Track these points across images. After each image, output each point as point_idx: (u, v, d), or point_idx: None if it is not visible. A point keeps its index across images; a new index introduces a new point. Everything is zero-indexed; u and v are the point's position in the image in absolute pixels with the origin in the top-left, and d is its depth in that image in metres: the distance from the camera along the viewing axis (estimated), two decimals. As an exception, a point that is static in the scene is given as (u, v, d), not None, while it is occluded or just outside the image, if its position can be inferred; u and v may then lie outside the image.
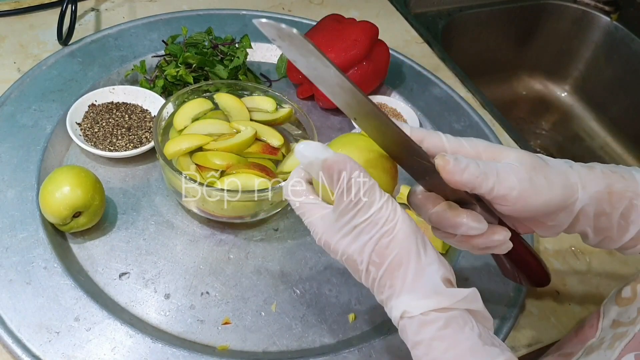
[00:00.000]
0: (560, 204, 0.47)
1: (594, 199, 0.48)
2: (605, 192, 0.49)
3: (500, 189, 0.45)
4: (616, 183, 0.49)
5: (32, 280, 0.59)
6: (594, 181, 0.49)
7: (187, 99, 0.71)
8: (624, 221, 0.50)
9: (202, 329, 0.60)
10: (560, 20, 1.25)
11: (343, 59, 0.79)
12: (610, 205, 0.49)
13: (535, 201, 0.46)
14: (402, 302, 0.42)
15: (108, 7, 0.94)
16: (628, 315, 0.51)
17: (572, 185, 0.48)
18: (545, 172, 0.47)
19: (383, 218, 0.43)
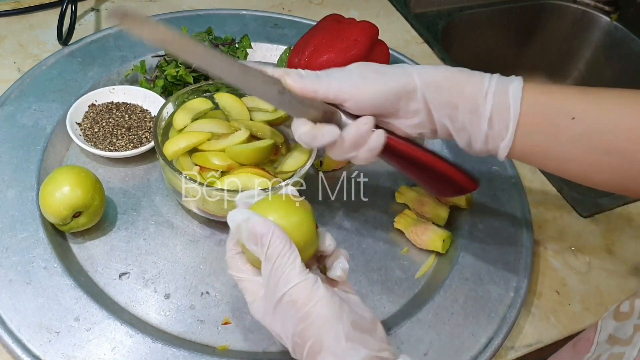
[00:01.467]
0: (397, 90, 0.52)
1: (434, 87, 0.52)
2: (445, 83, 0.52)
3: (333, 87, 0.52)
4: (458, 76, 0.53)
5: (32, 280, 0.59)
6: (433, 72, 0.53)
7: (187, 99, 0.71)
8: (474, 116, 0.52)
9: (202, 329, 0.60)
10: (560, 20, 1.25)
11: (343, 59, 0.78)
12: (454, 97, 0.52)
13: (367, 89, 0.52)
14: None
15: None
16: (624, 332, 0.50)
17: (408, 74, 0.53)
18: (378, 68, 0.53)
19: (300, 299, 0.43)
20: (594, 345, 0.53)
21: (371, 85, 0.52)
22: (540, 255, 0.72)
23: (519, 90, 0.52)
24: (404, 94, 0.52)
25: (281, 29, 0.95)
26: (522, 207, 0.75)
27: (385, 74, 0.53)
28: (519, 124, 0.52)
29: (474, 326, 0.63)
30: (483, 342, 0.62)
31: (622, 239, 0.76)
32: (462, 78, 0.53)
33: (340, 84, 0.52)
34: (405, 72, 0.53)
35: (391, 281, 0.68)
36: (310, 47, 0.79)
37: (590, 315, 0.68)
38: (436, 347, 0.60)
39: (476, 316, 0.64)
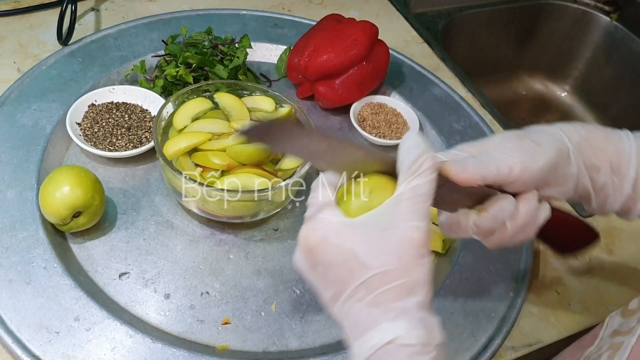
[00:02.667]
0: (557, 157, 0.49)
1: (579, 150, 0.50)
2: (587, 145, 0.50)
3: (503, 168, 0.47)
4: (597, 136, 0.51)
5: (32, 280, 0.59)
6: (574, 133, 0.51)
7: (187, 98, 0.71)
8: (616, 177, 0.51)
9: (202, 329, 0.60)
10: (560, 20, 1.25)
11: (343, 59, 0.78)
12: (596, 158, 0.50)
13: (536, 164, 0.48)
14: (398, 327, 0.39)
15: (108, 7, 0.94)
16: (628, 325, 0.51)
17: (560, 138, 0.50)
18: (530, 137, 0.49)
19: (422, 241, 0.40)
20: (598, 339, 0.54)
21: (538, 160, 0.48)
22: (540, 255, 0.72)
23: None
24: (561, 160, 0.49)
25: (281, 29, 0.95)
26: (522, 207, 0.75)
27: (542, 143, 0.49)
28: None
29: (474, 326, 0.63)
30: (483, 342, 0.62)
31: (622, 239, 0.76)
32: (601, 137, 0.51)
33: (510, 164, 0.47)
34: (555, 137, 0.50)
35: (391, 281, 0.67)
36: (310, 47, 0.79)
37: (590, 315, 0.67)
38: (436, 347, 0.60)
39: (476, 316, 0.64)
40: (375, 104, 0.85)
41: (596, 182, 0.51)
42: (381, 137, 0.81)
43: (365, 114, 0.83)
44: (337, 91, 0.81)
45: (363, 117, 0.83)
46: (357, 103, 0.83)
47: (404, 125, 0.84)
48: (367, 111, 0.84)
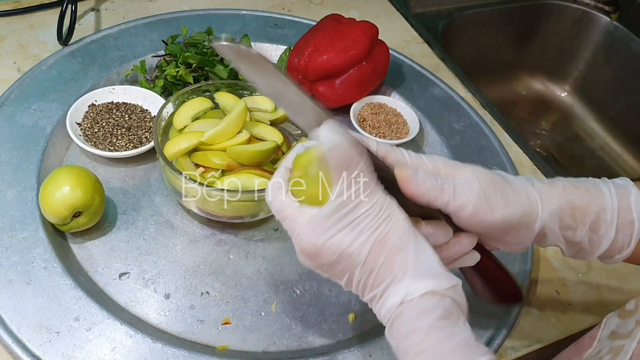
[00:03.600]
0: (518, 222, 0.48)
1: (556, 216, 0.49)
2: (567, 208, 0.49)
3: (456, 203, 0.46)
4: (579, 198, 0.49)
5: (32, 280, 0.59)
6: (554, 197, 0.49)
7: (187, 98, 0.71)
8: (594, 235, 0.50)
9: (202, 329, 0.60)
10: (560, 20, 1.25)
11: (343, 59, 0.79)
12: (574, 221, 0.49)
13: (491, 217, 0.47)
14: (403, 287, 0.43)
15: (108, 7, 0.94)
16: (626, 327, 0.51)
17: (532, 204, 0.48)
18: (503, 189, 0.48)
19: (383, 206, 0.43)
20: (596, 341, 0.53)
21: (495, 213, 0.47)
22: (540, 255, 0.72)
23: None
24: (522, 225, 0.48)
25: (281, 29, 0.95)
26: (522, 207, 0.75)
27: (510, 199, 0.48)
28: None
29: (474, 326, 0.62)
30: (483, 342, 0.61)
31: (622, 239, 0.76)
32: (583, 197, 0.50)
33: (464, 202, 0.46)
34: (529, 200, 0.48)
35: (391, 281, 0.67)
36: (310, 47, 0.79)
37: (590, 315, 0.68)
38: (436, 347, 0.60)
39: (476, 316, 0.63)
40: (375, 104, 0.85)
41: (570, 240, 0.50)
42: (381, 137, 0.81)
43: (365, 114, 0.83)
44: (337, 91, 0.81)
45: (363, 117, 0.83)
46: (357, 103, 0.83)
47: (404, 125, 0.84)
48: (367, 111, 0.84)
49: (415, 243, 0.43)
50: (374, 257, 0.43)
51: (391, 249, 0.43)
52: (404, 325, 0.42)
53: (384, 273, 0.43)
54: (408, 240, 0.43)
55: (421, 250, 0.44)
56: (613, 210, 0.49)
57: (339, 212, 0.43)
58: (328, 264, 0.44)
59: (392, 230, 0.43)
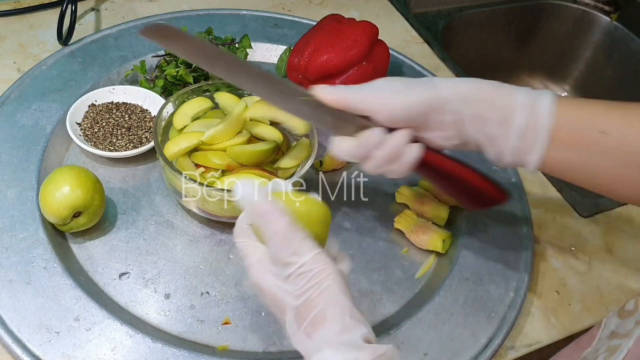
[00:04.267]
0: (427, 101, 0.53)
1: (464, 99, 0.53)
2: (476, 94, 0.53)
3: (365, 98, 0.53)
4: (488, 88, 0.53)
5: (32, 280, 0.59)
6: (463, 84, 0.54)
7: (187, 98, 0.71)
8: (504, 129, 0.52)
9: (202, 329, 0.60)
10: (560, 20, 1.25)
11: (343, 59, 0.78)
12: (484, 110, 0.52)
13: (399, 101, 0.53)
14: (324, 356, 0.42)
15: (108, 7, 0.94)
16: (625, 327, 0.51)
17: (435, 86, 0.53)
18: (406, 81, 0.54)
19: (314, 270, 0.44)
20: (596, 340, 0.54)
21: (401, 97, 0.53)
22: (540, 255, 0.72)
23: (548, 104, 0.52)
24: (433, 105, 0.53)
25: (281, 29, 0.95)
26: (522, 207, 0.75)
27: (415, 87, 0.53)
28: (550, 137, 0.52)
29: (474, 326, 0.63)
30: (483, 342, 0.62)
31: (622, 239, 0.76)
32: (492, 90, 0.53)
33: (371, 95, 0.53)
34: (434, 85, 0.53)
35: (391, 281, 0.68)
36: (310, 47, 0.79)
37: (590, 315, 0.68)
38: (436, 347, 0.60)
39: (476, 316, 0.64)
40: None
41: (485, 133, 0.53)
42: (381, 137, 0.81)
43: (365, 114, 0.83)
44: (337, 91, 0.81)
45: (363, 117, 0.83)
46: (357, 103, 0.83)
47: (404, 125, 0.84)
48: (367, 111, 0.84)
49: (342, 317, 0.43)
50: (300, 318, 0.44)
51: (315, 317, 0.43)
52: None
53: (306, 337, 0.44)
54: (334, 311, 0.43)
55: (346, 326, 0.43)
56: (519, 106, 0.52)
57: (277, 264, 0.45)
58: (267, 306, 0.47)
59: (318, 299, 0.43)
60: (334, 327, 0.43)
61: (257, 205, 0.45)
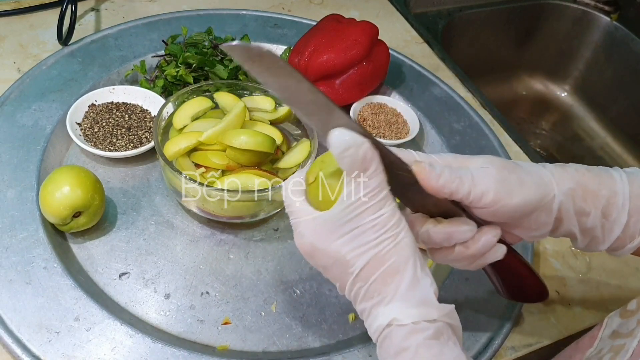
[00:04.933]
0: (537, 202, 0.48)
1: (570, 196, 0.49)
2: (579, 190, 0.49)
3: (477, 190, 0.46)
4: (590, 180, 0.49)
5: (32, 280, 0.59)
6: (567, 178, 0.49)
7: (187, 98, 0.71)
8: (607, 220, 0.50)
9: (202, 329, 0.61)
10: (560, 20, 1.25)
11: (343, 59, 0.78)
12: (587, 204, 0.49)
13: (511, 200, 0.46)
14: (392, 310, 0.42)
15: (108, 7, 0.94)
16: (627, 327, 0.50)
17: (547, 183, 0.48)
18: (517, 172, 0.48)
19: (390, 223, 0.42)
20: (598, 340, 0.53)
21: (516, 196, 0.46)
22: (540, 255, 0.72)
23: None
24: (541, 206, 0.48)
25: (281, 29, 0.95)
26: (522, 207, 0.75)
27: (526, 182, 0.47)
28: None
29: (474, 326, 0.63)
30: (483, 342, 0.62)
31: (622, 239, 0.76)
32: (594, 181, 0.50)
33: (484, 189, 0.46)
34: (543, 181, 0.48)
35: (391, 281, 0.67)
36: (310, 47, 0.79)
37: (590, 315, 0.68)
38: (436, 347, 0.60)
39: (476, 316, 0.64)
40: (375, 104, 0.85)
41: (584, 226, 0.50)
42: (381, 137, 0.81)
43: (365, 114, 0.83)
44: (337, 91, 0.81)
45: (363, 117, 0.83)
46: (357, 103, 0.83)
47: (404, 125, 0.84)
48: (367, 111, 0.84)
49: (414, 270, 0.43)
50: (368, 273, 0.43)
51: (387, 269, 0.42)
52: (393, 346, 0.42)
53: (374, 291, 0.43)
54: (407, 264, 0.43)
55: (418, 279, 0.43)
56: (624, 195, 0.49)
57: (343, 217, 0.43)
58: (323, 267, 0.45)
59: (392, 251, 0.42)
60: (406, 280, 0.42)
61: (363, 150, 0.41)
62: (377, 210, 0.42)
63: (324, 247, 0.44)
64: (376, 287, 0.43)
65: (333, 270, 0.44)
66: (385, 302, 0.42)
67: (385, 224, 0.42)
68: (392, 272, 0.42)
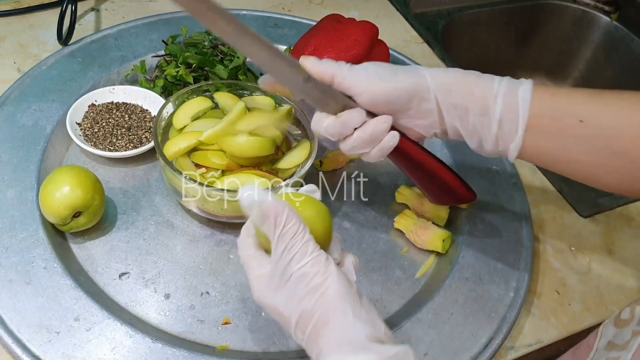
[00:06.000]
0: (410, 89, 0.54)
1: (445, 89, 0.53)
2: (456, 85, 0.54)
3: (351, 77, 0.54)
4: (468, 79, 0.54)
5: (32, 280, 0.59)
6: (444, 74, 0.55)
7: (187, 98, 0.71)
8: (484, 118, 0.53)
9: (202, 329, 0.60)
10: (560, 20, 1.25)
11: (343, 58, 0.78)
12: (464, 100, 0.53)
13: (383, 86, 0.53)
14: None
15: (108, 7, 0.94)
16: (622, 338, 0.50)
17: (420, 74, 0.54)
18: (393, 68, 0.55)
19: (314, 271, 0.43)
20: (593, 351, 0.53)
21: (385, 82, 0.54)
22: (540, 255, 0.72)
23: (528, 93, 0.53)
24: (416, 93, 0.54)
25: (281, 29, 0.95)
26: (522, 207, 0.75)
27: (399, 73, 0.54)
28: (528, 125, 0.53)
29: (474, 326, 0.63)
30: (483, 342, 0.62)
31: (622, 239, 0.76)
32: (472, 80, 0.55)
33: (356, 76, 0.54)
34: (418, 73, 0.55)
35: (391, 281, 0.68)
36: (310, 47, 0.79)
37: (590, 315, 0.68)
38: (436, 347, 0.60)
39: (476, 316, 0.64)
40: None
41: (466, 123, 0.54)
42: (381, 137, 0.81)
43: (365, 114, 0.83)
44: (337, 91, 0.81)
45: (363, 117, 0.83)
46: (357, 103, 0.83)
47: (404, 125, 0.84)
48: (367, 111, 0.84)
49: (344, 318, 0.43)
50: (302, 326, 0.44)
51: (316, 323, 0.43)
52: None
53: (312, 342, 0.44)
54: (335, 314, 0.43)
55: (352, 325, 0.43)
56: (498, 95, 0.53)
57: (276, 271, 0.44)
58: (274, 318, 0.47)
59: (318, 304, 0.43)
60: (335, 331, 0.42)
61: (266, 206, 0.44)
62: (302, 257, 0.44)
63: (266, 303, 0.46)
64: (312, 339, 0.44)
65: (280, 322, 0.47)
66: (323, 355, 0.43)
67: (309, 274, 0.44)
68: (322, 324, 0.43)
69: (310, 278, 0.43)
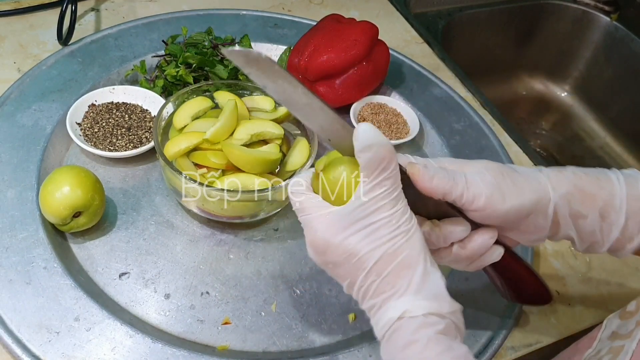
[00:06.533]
0: (531, 206, 0.48)
1: (566, 200, 0.49)
2: (576, 193, 0.49)
3: (469, 193, 0.46)
4: (587, 184, 0.50)
5: (32, 280, 0.59)
6: (563, 182, 0.49)
7: (187, 98, 0.71)
8: (604, 223, 0.50)
9: (202, 329, 0.61)
10: (560, 20, 1.25)
11: (343, 59, 0.78)
12: (584, 207, 0.49)
13: (504, 205, 0.47)
14: (404, 302, 0.43)
15: (108, 7, 0.94)
16: (626, 328, 0.51)
17: (542, 188, 0.48)
18: (512, 177, 0.48)
19: (402, 219, 0.43)
20: (597, 341, 0.53)
21: (508, 201, 0.47)
22: (540, 255, 0.72)
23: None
24: (536, 210, 0.48)
25: (281, 29, 0.95)
26: (522, 207, 0.75)
27: (521, 186, 0.48)
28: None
29: (474, 326, 0.63)
30: (483, 342, 0.62)
31: (622, 239, 0.76)
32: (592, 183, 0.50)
33: (477, 192, 0.46)
34: (540, 184, 0.49)
35: (391, 281, 0.67)
36: (310, 47, 0.79)
37: (590, 315, 0.68)
38: (436, 347, 0.60)
39: (476, 316, 0.64)
40: (375, 104, 0.85)
41: (582, 229, 0.50)
42: (381, 137, 0.81)
43: (365, 114, 0.83)
44: (337, 91, 0.81)
45: (363, 117, 0.83)
46: (357, 103, 0.83)
47: (404, 125, 0.84)
48: (367, 111, 0.84)
49: (425, 264, 0.44)
50: (381, 267, 0.43)
51: (399, 263, 0.43)
52: (402, 338, 0.42)
53: (386, 284, 0.43)
54: (418, 259, 0.43)
55: (429, 272, 0.44)
56: (622, 197, 0.49)
57: (358, 213, 0.43)
58: (334, 263, 0.45)
59: (405, 245, 0.43)
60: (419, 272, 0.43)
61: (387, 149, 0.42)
62: (392, 208, 0.43)
63: (338, 243, 0.44)
64: (389, 280, 0.43)
65: (344, 267, 0.44)
66: (397, 296, 0.43)
67: (398, 220, 0.43)
68: (405, 265, 0.43)
69: (400, 222, 0.43)
